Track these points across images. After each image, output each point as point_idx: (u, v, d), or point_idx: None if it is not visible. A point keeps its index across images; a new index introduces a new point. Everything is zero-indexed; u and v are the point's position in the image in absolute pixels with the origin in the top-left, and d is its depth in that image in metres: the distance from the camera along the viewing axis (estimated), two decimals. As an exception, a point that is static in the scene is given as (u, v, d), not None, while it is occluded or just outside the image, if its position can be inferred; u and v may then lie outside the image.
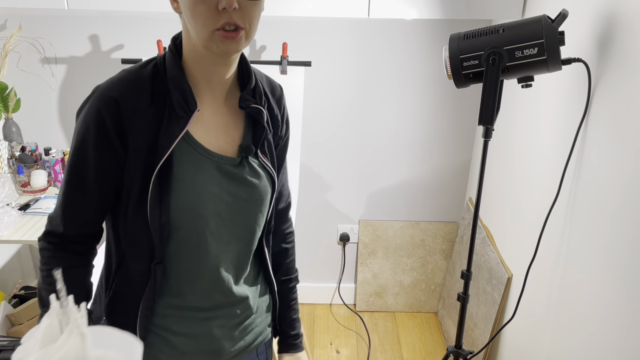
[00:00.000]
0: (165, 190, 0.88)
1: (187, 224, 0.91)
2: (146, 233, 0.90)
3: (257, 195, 0.98)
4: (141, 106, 0.86)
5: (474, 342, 2.12)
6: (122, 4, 1.86)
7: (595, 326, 1.30)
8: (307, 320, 2.62)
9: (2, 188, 1.97)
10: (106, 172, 0.89)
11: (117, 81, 0.87)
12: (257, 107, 0.96)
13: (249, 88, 0.95)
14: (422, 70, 2.30)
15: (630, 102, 1.18)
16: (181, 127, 0.88)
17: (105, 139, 0.86)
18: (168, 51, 0.91)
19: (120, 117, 0.85)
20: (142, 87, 0.87)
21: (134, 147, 0.87)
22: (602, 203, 1.28)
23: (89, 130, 0.86)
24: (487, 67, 1.32)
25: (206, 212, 0.92)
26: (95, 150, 0.87)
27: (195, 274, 0.97)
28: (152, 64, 0.91)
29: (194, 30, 0.84)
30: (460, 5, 1.86)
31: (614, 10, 1.27)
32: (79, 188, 0.89)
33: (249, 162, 0.97)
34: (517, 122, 1.88)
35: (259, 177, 0.98)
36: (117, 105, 0.85)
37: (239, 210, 0.97)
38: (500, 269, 1.92)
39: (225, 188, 0.94)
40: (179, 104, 0.88)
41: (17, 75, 2.30)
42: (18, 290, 2.43)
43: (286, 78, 2.08)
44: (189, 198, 0.90)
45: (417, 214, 2.57)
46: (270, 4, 1.86)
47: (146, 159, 0.87)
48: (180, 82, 0.88)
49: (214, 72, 0.91)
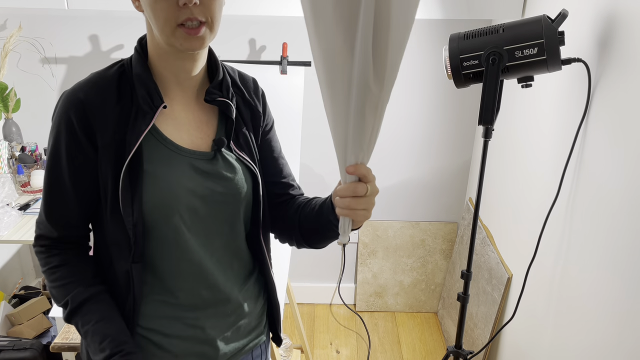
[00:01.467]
0: (136, 187, 0.89)
1: (161, 221, 0.92)
2: (124, 232, 0.91)
3: (234, 189, 0.97)
4: (108, 105, 0.88)
5: (474, 342, 2.12)
6: (122, 4, 1.86)
7: (595, 326, 1.30)
8: (307, 320, 2.62)
9: (2, 188, 1.97)
10: (80, 172, 0.90)
11: (83, 83, 0.90)
12: (224, 100, 0.96)
13: (216, 82, 0.96)
14: (422, 70, 2.30)
15: (630, 102, 1.18)
16: (147, 122, 0.89)
17: (75, 139, 0.88)
18: (134, 51, 0.93)
19: (87, 117, 0.87)
20: (108, 86, 0.89)
21: (102, 145, 0.88)
22: (602, 203, 1.28)
23: (60, 133, 0.89)
24: (487, 67, 1.32)
25: (180, 208, 0.92)
26: (67, 152, 0.89)
27: (178, 271, 0.96)
28: (119, 64, 0.93)
29: (156, 28, 0.85)
30: (460, 5, 1.86)
31: (614, 10, 1.27)
32: (57, 191, 0.92)
33: (224, 156, 0.97)
34: (517, 122, 1.88)
35: (234, 170, 0.98)
36: (83, 106, 0.87)
37: (215, 205, 0.96)
38: (500, 269, 1.92)
39: (200, 183, 0.94)
40: (144, 100, 0.89)
41: (17, 75, 2.30)
42: (18, 290, 2.43)
43: (286, 78, 2.08)
44: (160, 194, 0.90)
45: (417, 214, 2.57)
46: (270, 4, 1.86)
47: (115, 157, 0.88)
48: (145, 79, 0.90)
49: (180, 68, 0.91)
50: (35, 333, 2.17)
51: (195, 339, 1.00)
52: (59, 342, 1.64)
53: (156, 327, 0.98)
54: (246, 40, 2.26)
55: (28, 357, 1.92)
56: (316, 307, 2.73)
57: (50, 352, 1.75)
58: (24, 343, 1.97)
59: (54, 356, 2.07)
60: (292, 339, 2.44)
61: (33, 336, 2.16)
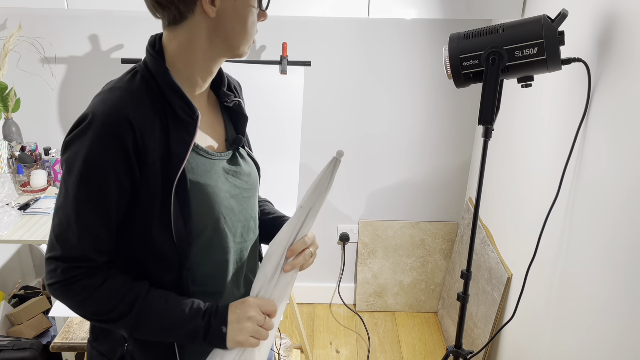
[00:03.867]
0: (184, 198, 0.88)
1: (209, 227, 0.93)
2: (172, 245, 0.89)
3: (253, 183, 1.03)
4: (148, 119, 0.86)
5: (474, 342, 2.12)
6: (122, 4, 1.86)
7: (595, 326, 1.30)
8: (307, 320, 2.62)
9: (2, 188, 1.97)
10: (123, 195, 0.86)
11: (117, 100, 0.85)
12: (237, 100, 1.03)
13: (225, 85, 1.02)
14: (422, 70, 2.30)
15: (631, 102, 1.18)
16: (191, 133, 0.90)
17: (127, 162, 0.84)
18: (150, 59, 0.90)
19: (134, 135, 0.83)
20: (142, 100, 0.86)
21: (152, 162, 0.85)
22: (602, 203, 1.28)
23: (105, 156, 0.82)
24: (487, 67, 1.32)
25: (223, 211, 0.94)
26: (116, 176, 0.84)
27: (219, 274, 0.98)
28: (139, 75, 0.89)
29: (241, 39, 0.90)
30: (460, 5, 1.86)
31: (614, 10, 1.27)
32: (96, 217, 0.85)
33: (240, 153, 1.02)
34: (517, 122, 1.88)
35: (250, 166, 1.04)
36: (130, 124, 0.83)
37: (244, 201, 1.00)
38: (500, 269, 1.92)
39: (232, 183, 0.98)
40: (182, 110, 0.89)
41: (17, 75, 2.30)
42: (18, 290, 2.43)
43: (286, 78, 2.08)
44: (207, 201, 0.91)
45: (417, 214, 2.57)
46: (271, 5, 1.85)
47: (162, 172, 0.87)
48: (178, 89, 0.89)
49: (205, 77, 0.94)
50: (35, 333, 2.17)
51: None
52: (59, 342, 1.64)
53: None
54: (246, 40, 2.26)
55: (28, 357, 1.92)
56: (316, 307, 2.73)
57: (50, 352, 1.75)
58: (24, 343, 1.97)
59: (54, 356, 2.07)
60: (292, 339, 2.44)
61: (33, 336, 2.16)
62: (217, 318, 0.91)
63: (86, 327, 1.70)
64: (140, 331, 0.90)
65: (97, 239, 0.87)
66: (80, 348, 1.63)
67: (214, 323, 0.91)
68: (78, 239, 0.85)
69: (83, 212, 0.85)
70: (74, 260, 0.87)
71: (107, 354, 0.98)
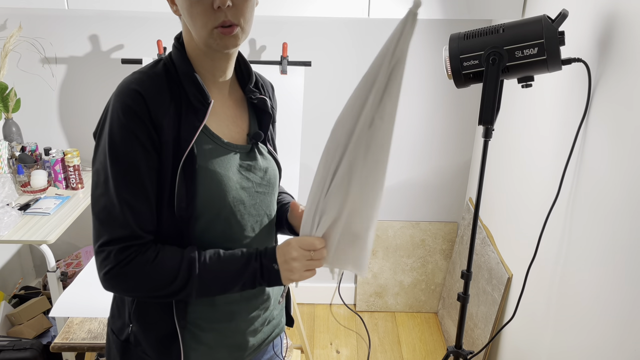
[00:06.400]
0: (191, 182, 0.91)
1: (214, 214, 0.95)
2: (177, 228, 0.93)
3: (269, 179, 1.04)
4: (163, 100, 0.90)
5: (474, 342, 2.12)
6: (122, 4, 1.86)
7: (595, 326, 1.30)
8: (307, 320, 2.62)
9: (2, 188, 1.97)
10: (152, 163, 0.90)
11: (131, 80, 0.90)
12: (262, 97, 1.04)
13: (252, 81, 1.04)
14: (422, 70, 2.30)
15: (630, 102, 1.18)
16: (200, 119, 0.92)
17: (143, 129, 0.87)
18: (174, 49, 0.96)
19: (146, 105, 0.88)
20: (161, 84, 0.91)
21: (165, 141, 0.89)
22: (602, 203, 1.28)
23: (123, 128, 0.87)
24: (487, 67, 1.32)
25: (230, 200, 0.96)
26: (139, 144, 0.88)
27: None
28: (162, 63, 0.95)
29: (194, 30, 0.90)
30: (460, 5, 1.86)
31: (614, 10, 1.27)
32: (139, 190, 0.89)
33: (259, 148, 1.04)
34: (517, 122, 1.88)
35: (268, 162, 1.05)
36: (140, 95, 0.88)
37: (256, 196, 1.01)
38: (500, 269, 1.92)
39: (244, 175, 0.99)
40: (195, 97, 0.93)
41: (17, 75, 2.30)
42: (18, 290, 2.43)
43: (286, 78, 2.08)
44: (215, 188, 0.93)
45: (417, 214, 2.57)
46: (271, 5, 1.86)
47: (173, 154, 0.90)
48: (193, 76, 0.93)
49: (217, 67, 0.96)
50: (35, 333, 2.18)
51: (229, 332, 1.04)
52: (59, 342, 1.64)
53: (194, 319, 1.00)
54: (246, 40, 2.26)
55: (28, 357, 1.92)
56: (316, 307, 2.73)
57: (50, 352, 1.75)
58: (24, 343, 1.97)
59: (54, 356, 2.07)
60: (292, 339, 2.44)
61: (33, 336, 2.16)
62: (267, 257, 0.95)
63: (86, 327, 1.70)
64: (205, 291, 0.93)
65: (140, 215, 0.89)
66: (80, 348, 1.63)
67: (265, 262, 0.94)
68: (123, 215, 0.88)
69: (122, 187, 0.88)
70: (124, 240, 0.89)
71: (117, 333, 1.03)
